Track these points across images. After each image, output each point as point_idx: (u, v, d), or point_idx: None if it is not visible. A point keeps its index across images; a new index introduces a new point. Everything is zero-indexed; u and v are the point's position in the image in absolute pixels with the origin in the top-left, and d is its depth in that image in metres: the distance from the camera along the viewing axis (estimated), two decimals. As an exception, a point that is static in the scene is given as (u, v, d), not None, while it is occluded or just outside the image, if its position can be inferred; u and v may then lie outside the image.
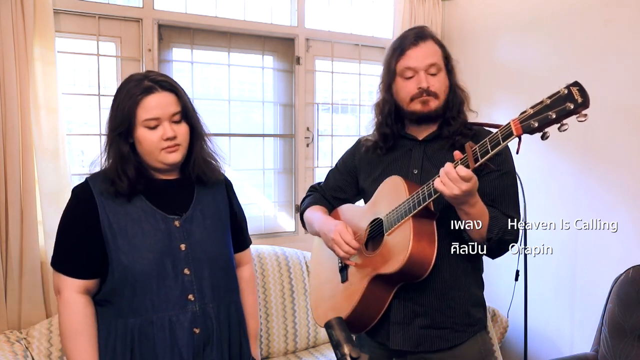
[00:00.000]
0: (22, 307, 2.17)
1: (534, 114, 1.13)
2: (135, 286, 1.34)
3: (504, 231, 1.35)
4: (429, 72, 1.45)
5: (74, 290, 1.36)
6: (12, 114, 2.11)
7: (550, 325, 2.80)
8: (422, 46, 1.46)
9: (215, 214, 1.48)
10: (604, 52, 2.53)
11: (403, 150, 1.54)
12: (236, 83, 2.91)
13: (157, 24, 2.56)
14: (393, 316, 1.47)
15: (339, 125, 3.21)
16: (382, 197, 1.49)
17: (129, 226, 1.35)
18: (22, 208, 2.15)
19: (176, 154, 1.38)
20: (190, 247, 1.40)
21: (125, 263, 1.34)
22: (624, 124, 2.45)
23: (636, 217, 2.41)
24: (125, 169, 1.36)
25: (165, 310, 1.35)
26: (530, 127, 1.14)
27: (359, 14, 3.22)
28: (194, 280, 1.39)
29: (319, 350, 2.60)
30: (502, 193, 1.44)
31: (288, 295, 2.58)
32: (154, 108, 1.34)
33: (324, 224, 1.55)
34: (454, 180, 1.23)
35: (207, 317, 1.40)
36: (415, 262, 1.33)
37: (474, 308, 1.50)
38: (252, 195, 3.00)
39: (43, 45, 2.20)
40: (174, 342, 1.35)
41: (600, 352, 2.24)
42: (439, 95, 1.46)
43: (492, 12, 3.07)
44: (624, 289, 2.20)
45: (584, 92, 1.11)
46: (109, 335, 1.37)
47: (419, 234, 1.34)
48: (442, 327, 1.46)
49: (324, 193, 1.72)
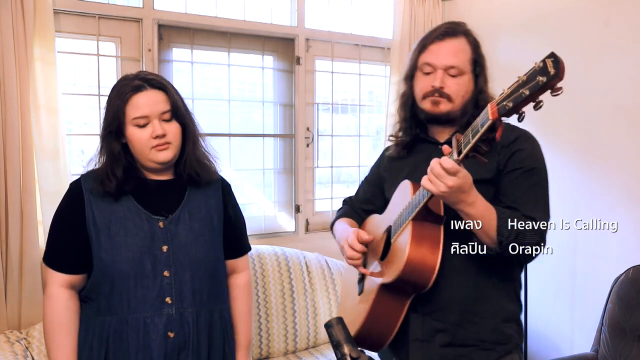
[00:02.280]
0: (22, 307, 2.17)
1: (510, 94, 1.02)
2: (113, 284, 1.34)
3: (517, 233, 1.21)
4: (449, 72, 1.34)
5: (58, 284, 1.37)
6: (12, 114, 2.11)
7: (550, 325, 2.80)
8: (448, 43, 1.35)
9: (205, 217, 1.45)
10: (604, 52, 2.53)
11: (424, 154, 1.42)
12: (236, 83, 2.91)
13: (157, 24, 2.56)
14: (412, 332, 1.36)
15: (339, 125, 3.21)
16: (394, 204, 1.42)
17: (112, 224, 1.36)
18: (22, 208, 2.15)
19: (166, 152, 1.37)
20: (173, 249, 1.38)
21: (105, 260, 1.34)
22: (624, 124, 2.45)
23: (636, 217, 2.40)
24: (114, 169, 1.36)
25: (141, 311, 1.34)
26: (505, 109, 1.02)
27: (359, 14, 3.22)
28: (174, 283, 1.37)
29: (319, 350, 2.60)
30: (525, 192, 1.29)
31: (288, 295, 2.58)
32: (142, 106, 1.34)
33: (340, 234, 1.48)
34: (438, 175, 1.13)
35: (185, 322, 1.37)
36: (415, 270, 1.23)
37: (504, 324, 1.35)
38: (252, 195, 3.00)
39: (43, 45, 2.19)
40: (146, 344, 1.34)
41: (600, 352, 2.24)
42: (454, 99, 1.35)
43: (492, 12, 3.07)
44: (624, 289, 2.20)
45: (557, 62, 0.97)
46: (87, 331, 1.37)
47: (419, 239, 1.24)
48: (466, 345, 1.33)
49: (352, 205, 1.64)
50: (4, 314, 2.15)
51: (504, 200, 1.29)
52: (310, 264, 2.69)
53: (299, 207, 3.02)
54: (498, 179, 1.31)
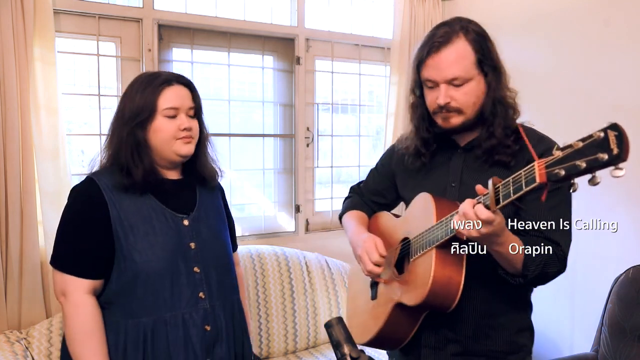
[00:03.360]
0: (22, 307, 2.17)
1: (562, 160, 0.94)
2: (147, 285, 1.34)
3: (544, 264, 1.19)
4: (453, 83, 1.26)
5: (83, 291, 1.34)
6: (12, 114, 2.11)
7: (550, 325, 2.80)
8: (444, 52, 1.25)
9: (217, 215, 1.52)
10: (604, 52, 2.53)
11: (442, 158, 1.37)
12: (236, 83, 2.91)
13: (157, 24, 2.56)
14: (424, 339, 1.35)
15: (339, 125, 3.21)
16: (413, 215, 1.36)
17: (140, 224, 1.36)
18: (22, 208, 2.15)
19: (190, 145, 1.41)
20: (199, 246, 1.42)
21: (139, 261, 1.34)
22: (623, 124, 2.44)
23: (636, 217, 2.40)
24: (142, 157, 1.37)
25: (178, 309, 1.37)
26: (556, 176, 0.95)
27: (359, 14, 3.22)
28: (204, 278, 1.41)
29: (319, 350, 2.60)
30: (548, 215, 1.21)
31: (288, 295, 2.58)
32: (174, 98, 1.39)
33: (354, 235, 1.43)
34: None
35: (217, 315, 1.42)
36: (439, 295, 1.21)
37: (518, 334, 1.35)
38: (252, 195, 3.00)
39: (43, 45, 2.19)
40: (187, 340, 1.37)
41: (600, 352, 2.24)
42: (464, 110, 1.27)
43: (492, 12, 3.07)
44: (624, 289, 2.20)
45: (621, 140, 0.89)
46: (118, 336, 1.35)
47: (443, 264, 1.20)
48: (477, 355, 1.33)
49: (362, 196, 1.60)
50: (4, 314, 2.15)
51: (524, 215, 1.22)
52: (310, 264, 2.69)
53: (299, 207, 3.02)
54: None
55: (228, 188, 2.85)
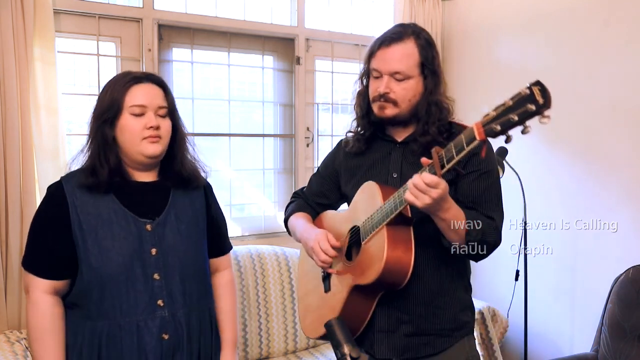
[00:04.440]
0: (22, 307, 2.17)
1: (497, 117, 1.09)
2: (104, 289, 1.33)
3: (483, 232, 1.32)
4: (395, 77, 1.40)
5: (42, 290, 1.34)
6: (12, 114, 2.11)
7: (550, 325, 2.80)
8: (393, 48, 1.39)
9: (191, 220, 1.46)
10: (603, 52, 2.53)
11: (382, 153, 1.50)
12: (236, 83, 2.91)
13: (157, 24, 2.56)
14: (377, 324, 1.44)
15: (339, 125, 3.21)
16: (359, 204, 1.46)
17: (99, 227, 1.33)
18: (22, 208, 2.15)
19: (156, 145, 1.36)
20: (162, 252, 1.38)
21: (95, 265, 1.32)
22: (623, 124, 2.45)
23: (636, 217, 2.41)
24: (107, 156, 1.35)
25: (133, 315, 1.34)
26: (493, 131, 1.09)
27: (359, 14, 3.22)
28: (164, 285, 1.37)
29: (319, 350, 2.60)
30: (482, 194, 1.39)
31: (288, 295, 2.58)
32: (141, 95, 1.36)
33: (304, 232, 1.52)
34: (423, 190, 1.20)
35: (177, 323, 1.38)
36: (392, 271, 1.31)
37: (461, 312, 1.48)
38: (252, 195, 3.00)
39: (43, 45, 2.20)
40: (141, 348, 1.33)
41: (600, 352, 2.24)
42: (400, 103, 1.40)
43: (492, 12, 3.07)
44: (624, 289, 2.20)
45: (545, 92, 1.04)
46: (76, 337, 1.35)
47: (394, 242, 1.31)
48: (427, 334, 1.44)
49: (307, 199, 1.69)
50: (4, 314, 2.15)
51: (462, 199, 1.36)
52: (310, 264, 2.69)
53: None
54: (456, 180, 1.38)
55: (228, 188, 2.86)
